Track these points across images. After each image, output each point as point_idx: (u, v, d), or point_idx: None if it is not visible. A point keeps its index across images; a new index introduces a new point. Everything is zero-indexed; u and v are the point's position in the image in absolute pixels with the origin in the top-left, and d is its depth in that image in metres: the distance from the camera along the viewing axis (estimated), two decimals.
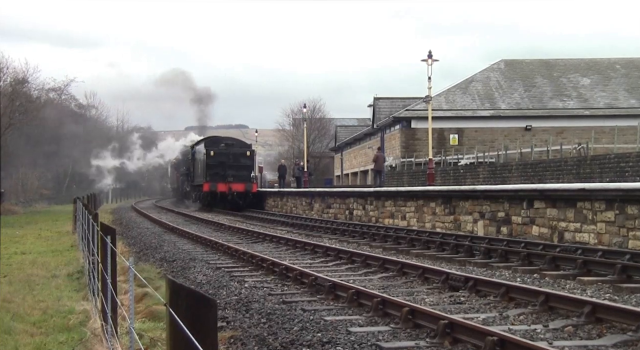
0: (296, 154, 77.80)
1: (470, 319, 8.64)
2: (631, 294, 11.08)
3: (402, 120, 45.92)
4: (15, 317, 10.33)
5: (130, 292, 6.35)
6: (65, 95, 63.46)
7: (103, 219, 23.24)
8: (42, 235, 28.69)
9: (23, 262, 18.38)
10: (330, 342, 7.99)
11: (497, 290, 10.64)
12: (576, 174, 25.72)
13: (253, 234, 24.13)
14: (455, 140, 44.65)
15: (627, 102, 45.76)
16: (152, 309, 10.48)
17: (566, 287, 11.94)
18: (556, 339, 8.01)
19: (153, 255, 19.01)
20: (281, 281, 13.09)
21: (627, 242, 15.31)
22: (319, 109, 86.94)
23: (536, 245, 16.29)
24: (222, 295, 11.74)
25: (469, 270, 13.98)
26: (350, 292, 10.50)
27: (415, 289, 11.97)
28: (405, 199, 26.28)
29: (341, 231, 24.39)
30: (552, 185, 19.78)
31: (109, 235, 7.70)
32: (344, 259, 16.16)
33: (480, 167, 34.57)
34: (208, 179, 45.47)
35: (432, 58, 30.93)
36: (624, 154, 25.21)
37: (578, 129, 43.63)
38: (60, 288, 13.49)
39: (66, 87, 60.23)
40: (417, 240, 19.48)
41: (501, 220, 20.15)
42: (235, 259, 17.08)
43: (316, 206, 35.95)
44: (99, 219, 11.17)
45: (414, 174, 39.56)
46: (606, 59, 50.93)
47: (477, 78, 48.60)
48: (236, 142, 49.68)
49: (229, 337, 8.57)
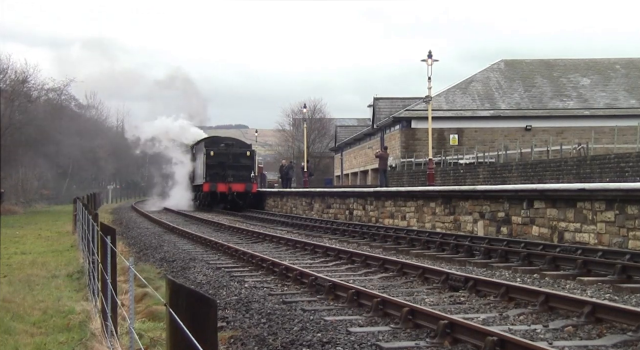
0: (296, 154, 77.82)
1: (470, 319, 8.64)
2: (631, 294, 11.08)
3: (402, 121, 45.94)
4: (15, 317, 10.33)
5: (130, 292, 6.36)
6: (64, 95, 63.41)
7: (103, 219, 23.26)
8: (42, 235, 28.69)
9: (23, 262, 18.38)
10: (330, 342, 7.99)
11: (497, 291, 10.64)
12: (576, 174, 25.74)
13: (253, 234, 24.13)
14: (455, 140, 44.67)
15: (627, 102, 45.78)
16: (152, 309, 10.48)
17: (566, 287, 11.93)
18: (556, 339, 8.00)
19: (153, 255, 19.01)
20: (281, 281, 13.09)
21: (627, 242, 15.31)
22: (319, 109, 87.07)
23: (536, 246, 16.29)
24: (222, 295, 11.74)
25: (469, 271, 13.98)
26: (350, 292, 10.50)
27: (415, 289, 11.96)
28: (405, 199, 26.28)
29: (341, 231, 24.39)
30: (552, 185, 19.77)
31: (109, 235, 7.70)
32: (344, 259, 16.16)
33: (480, 167, 34.59)
34: (208, 179, 45.48)
35: (432, 58, 30.96)
36: (624, 154, 25.24)
37: (578, 129, 43.65)
38: (60, 288, 13.49)
39: (66, 87, 60.17)
40: (417, 241, 19.47)
41: (501, 220, 20.15)
42: (235, 259, 17.07)
43: (316, 206, 35.95)
44: (99, 219, 11.17)
45: (414, 174, 39.58)
46: (606, 59, 50.94)
47: (477, 78, 48.62)
48: (236, 142, 49.68)
49: (229, 337, 8.57)
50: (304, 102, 59.56)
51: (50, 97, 61.01)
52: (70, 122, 62.08)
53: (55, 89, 59.57)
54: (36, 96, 56.73)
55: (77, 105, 71.78)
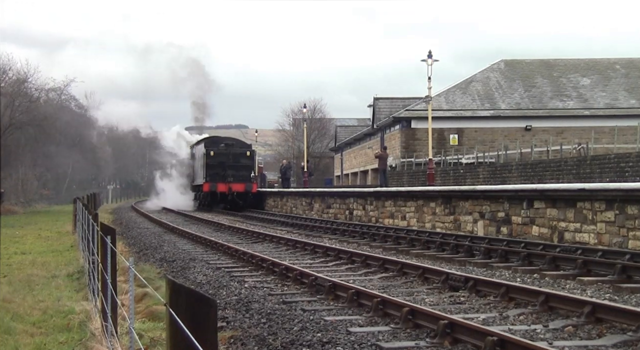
0: (296, 154, 77.80)
1: (470, 319, 8.64)
2: (631, 294, 11.08)
3: (402, 121, 45.93)
4: (15, 317, 10.33)
5: (130, 292, 6.36)
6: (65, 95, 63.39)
7: (103, 219, 23.25)
8: (42, 235, 28.70)
9: (23, 262, 18.38)
10: (330, 342, 7.99)
11: (497, 291, 10.64)
12: (576, 174, 25.73)
13: (253, 234, 24.13)
14: (455, 140, 44.66)
15: (627, 102, 45.77)
16: (152, 309, 10.48)
17: (566, 287, 11.93)
18: (556, 339, 8.00)
19: (153, 255, 19.01)
20: (281, 281, 13.09)
21: (627, 242, 15.30)
22: (319, 109, 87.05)
23: (536, 246, 16.29)
24: (222, 295, 11.74)
25: (469, 271, 13.98)
26: (350, 292, 10.50)
27: (415, 289, 11.96)
28: (405, 199, 26.27)
29: (341, 231, 24.39)
30: (552, 185, 19.77)
31: (109, 236, 7.70)
32: (344, 259, 16.16)
33: (480, 167, 34.58)
34: (208, 179, 45.49)
35: (432, 58, 30.96)
36: (624, 154, 25.23)
37: (578, 129, 43.64)
38: (60, 288, 13.48)
39: (66, 87, 60.18)
40: (417, 241, 19.47)
41: (501, 220, 20.15)
42: (235, 259, 17.07)
43: (316, 206, 35.94)
44: (99, 219, 11.17)
45: (414, 174, 39.57)
46: (606, 59, 50.93)
47: (477, 78, 48.61)
48: (236, 142, 49.68)
49: (229, 337, 8.57)
50: (304, 102, 59.55)
51: (51, 97, 61.00)
52: (70, 121, 62.00)
53: (55, 89, 59.61)
54: (37, 96, 56.72)
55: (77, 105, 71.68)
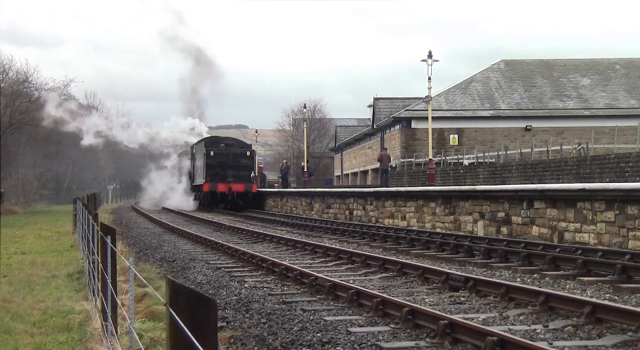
0: (296, 154, 77.82)
1: (470, 319, 8.64)
2: (631, 294, 11.08)
3: (402, 121, 45.94)
4: (15, 317, 10.33)
5: (130, 292, 6.36)
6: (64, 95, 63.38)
7: (103, 219, 23.26)
8: (42, 235, 28.71)
9: (23, 262, 18.39)
10: (330, 342, 7.99)
11: (497, 291, 10.64)
12: (576, 174, 25.74)
13: (253, 234, 24.13)
14: (455, 140, 44.67)
15: (627, 102, 45.78)
16: (152, 309, 10.48)
17: (566, 287, 11.93)
18: (556, 339, 8.00)
19: (153, 255, 19.01)
20: (281, 281, 13.09)
21: (627, 242, 15.30)
22: (319, 109, 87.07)
23: (536, 246, 16.28)
24: (222, 295, 11.74)
25: (469, 271, 13.97)
26: (350, 292, 10.49)
27: (415, 289, 11.96)
28: (405, 199, 26.27)
29: (341, 231, 24.38)
30: (552, 185, 19.77)
31: (109, 235, 7.70)
32: (344, 259, 16.15)
33: (480, 167, 34.59)
34: (208, 179, 45.50)
35: (432, 58, 30.97)
36: (624, 154, 25.23)
37: (578, 129, 43.64)
38: (60, 288, 13.49)
39: (66, 87, 60.18)
40: (417, 241, 19.47)
41: (501, 220, 20.15)
42: (235, 259, 17.07)
43: (316, 206, 35.94)
44: (98, 219, 11.17)
45: (414, 174, 39.57)
46: (606, 59, 50.94)
47: (477, 78, 48.62)
48: (236, 142, 49.68)
49: (229, 337, 8.57)
50: (304, 102, 59.59)
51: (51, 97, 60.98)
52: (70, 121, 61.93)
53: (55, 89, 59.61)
54: (37, 96, 56.74)
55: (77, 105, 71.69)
